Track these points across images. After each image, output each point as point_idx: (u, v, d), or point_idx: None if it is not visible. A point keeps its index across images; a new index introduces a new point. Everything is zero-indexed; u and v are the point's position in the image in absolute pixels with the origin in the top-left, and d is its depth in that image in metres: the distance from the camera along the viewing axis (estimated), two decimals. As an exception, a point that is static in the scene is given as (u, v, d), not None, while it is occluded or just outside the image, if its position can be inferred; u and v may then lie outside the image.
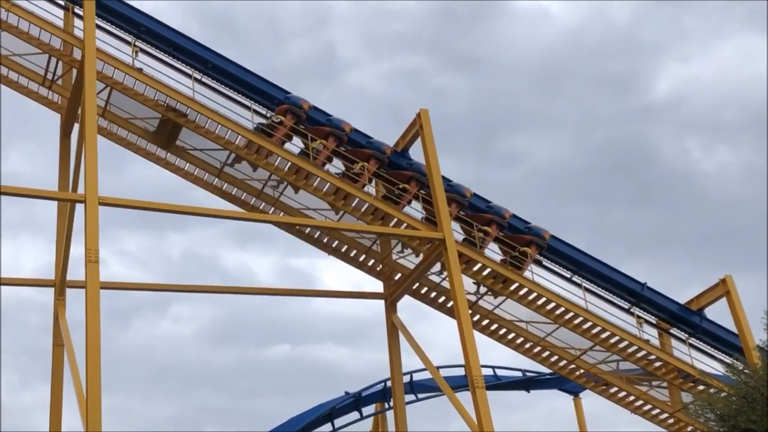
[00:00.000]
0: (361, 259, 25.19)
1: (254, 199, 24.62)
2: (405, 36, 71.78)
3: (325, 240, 24.96)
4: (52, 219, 22.69)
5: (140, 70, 22.25)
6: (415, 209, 24.00)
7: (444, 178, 23.86)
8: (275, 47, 68.53)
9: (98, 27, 21.87)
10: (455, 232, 23.29)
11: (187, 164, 24.34)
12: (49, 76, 23.26)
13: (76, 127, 21.83)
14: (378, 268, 25.25)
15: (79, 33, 21.90)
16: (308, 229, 24.80)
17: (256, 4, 68.32)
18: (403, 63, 72.12)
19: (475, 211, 24.37)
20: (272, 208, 24.70)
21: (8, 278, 22.87)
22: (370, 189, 23.84)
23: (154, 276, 63.71)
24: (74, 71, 22.16)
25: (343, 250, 25.10)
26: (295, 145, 23.55)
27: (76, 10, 22.60)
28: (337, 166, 23.81)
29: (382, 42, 72.35)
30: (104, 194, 19.24)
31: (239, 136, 22.68)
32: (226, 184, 24.52)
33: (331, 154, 23.43)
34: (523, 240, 24.39)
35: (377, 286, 25.75)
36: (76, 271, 21.56)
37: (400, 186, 23.70)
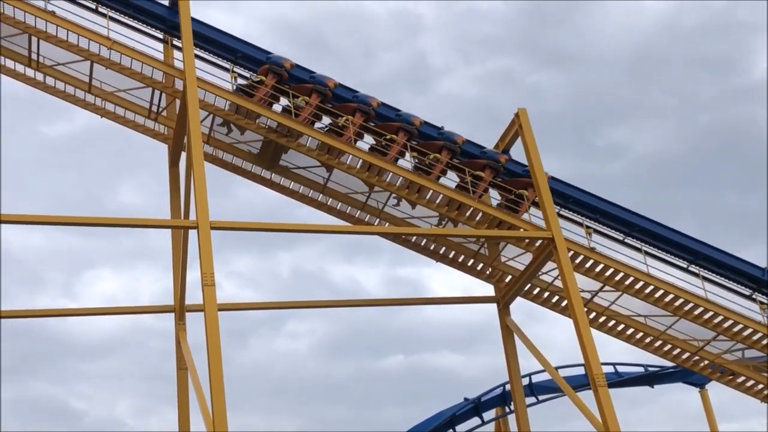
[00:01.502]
0: (469, 263, 25.08)
1: (359, 211, 24.80)
2: (495, 38, 71.34)
3: (432, 247, 24.96)
4: (165, 246, 23.34)
5: (240, 96, 22.72)
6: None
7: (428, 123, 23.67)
8: (367, 61, 69.02)
9: (197, 57, 22.47)
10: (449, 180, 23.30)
11: (292, 183, 24.71)
12: (154, 108, 23.96)
13: (183, 155, 22.40)
14: (487, 272, 25.09)
15: (179, 64, 22.54)
16: (414, 237, 24.84)
17: (346, 21, 69.04)
18: (495, 65, 71.67)
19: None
20: (377, 219, 24.84)
21: (130, 307, 23.66)
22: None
23: (266, 295, 64.84)
24: (177, 101, 22.76)
25: (451, 255, 25.05)
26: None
27: (175, 42, 23.29)
28: (451, 178, 23.75)
29: (473, 46, 72.05)
30: (215, 218, 19.68)
31: (350, 156, 22.85)
32: (330, 199, 24.79)
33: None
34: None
35: (487, 289, 25.61)
36: (192, 295, 22.20)
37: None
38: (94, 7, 23.25)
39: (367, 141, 23.58)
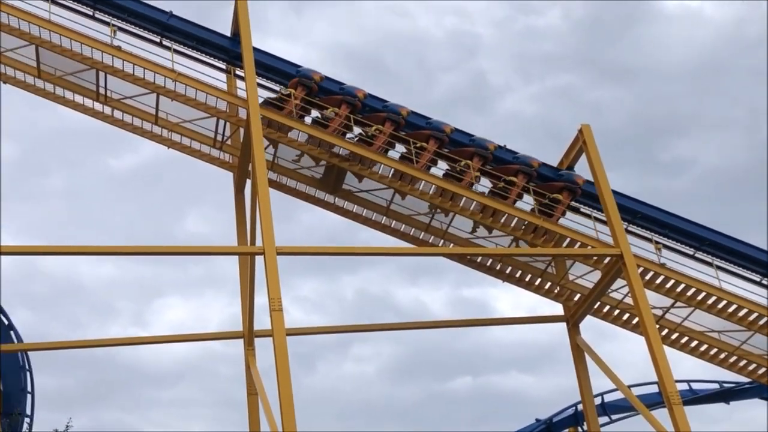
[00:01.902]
0: (537, 282, 24.84)
1: (423, 233, 24.77)
2: (554, 55, 71.01)
3: (498, 267, 24.79)
4: (232, 273, 23.60)
5: (304, 121, 22.99)
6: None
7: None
8: (426, 83, 69.22)
9: (259, 85, 22.79)
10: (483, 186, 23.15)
11: (355, 206, 24.82)
12: (219, 137, 24.31)
13: (249, 182, 22.67)
14: (555, 290, 24.80)
15: (242, 93, 22.87)
16: (480, 257, 24.71)
17: (404, 44, 69.36)
18: (554, 82, 71.30)
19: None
20: (442, 240, 24.78)
21: (199, 334, 23.96)
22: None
23: (332, 319, 65.14)
24: (241, 130, 23.07)
25: (518, 275, 24.84)
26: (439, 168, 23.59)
27: (237, 71, 23.66)
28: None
29: (532, 64, 71.82)
30: (280, 244, 19.85)
31: (392, 170, 22.97)
32: (394, 221, 24.81)
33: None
34: (554, 187, 23.56)
35: (555, 308, 25.31)
36: (260, 320, 22.41)
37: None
38: (158, 40, 23.80)
39: (441, 167, 23.58)
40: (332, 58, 63.51)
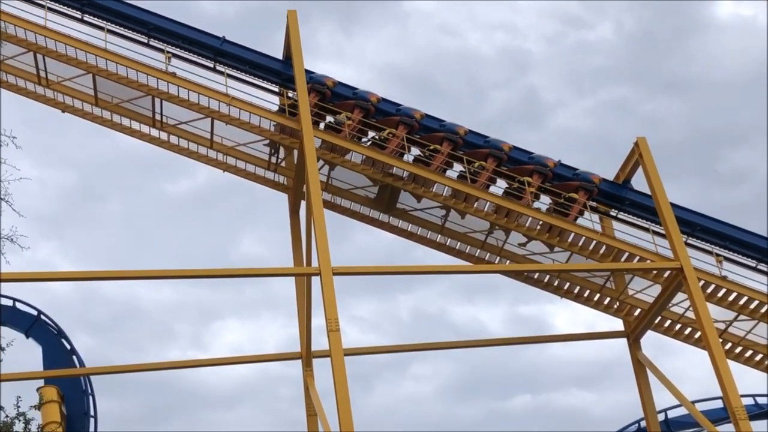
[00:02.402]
0: (595, 298, 24.54)
1: (478, 250, 24.66)
2: (606, 68, 70.26)
3: (555, 283, 24.55)
4: (288, 294, 23.68)
5: (357, 142, 23.07)
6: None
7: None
8: (478, 101, 69.06)
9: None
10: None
11: (409, 224, 24.80)
12: (273, 159, 24.50)
13: (303, 203, 22.79)
14: (615, 306, 24.47)
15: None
16: (536, 274, 24.49)
17: (454, 63, 69.27)
18: (608, 96, 70.50)
19: (516, 164, 23.62)
20: (497, 257, 24.62)
21: (258, 355, 24.07)
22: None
23: (388, 338, 64.86)
24: (295, 151, 23.23)
25: (576, 291, 24.57)
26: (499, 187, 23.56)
27: (289, 94, 23.86)
28: (544, 201, 23.52)
29: (584, 78, 71.14)
30: (336, 264, 19.89)
31: (445, 187, 22.95)
32: (449, 239, 24.75)
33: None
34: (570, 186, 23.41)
35: (615, 324, 24.96)
36: (318, 341, 22.46)
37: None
38: (212, 65, 24.11)
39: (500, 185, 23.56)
40: (383, 78, 63.67)
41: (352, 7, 65.33)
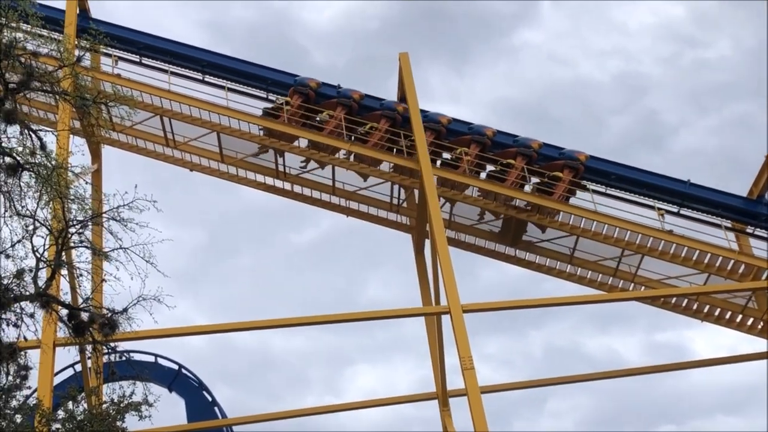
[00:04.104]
0: (737, 319, 23.50)
1: (611, 278, 24.04)
2: (727, 85, 68.13)
3: (694, 306, 23.65)
4: (417, 335, 23.62)
5: (475, 176, 22.99)
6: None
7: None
8: (596, 128, 67.95)
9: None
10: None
11: (537, 257, 24.43)
12: (395, 201, 24.64)
13: (427, 242, 22.78)
14: (759, 326, 23.36)
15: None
16: (674, 298, 23.67)
17: (568, 92, 68.48)
18: (731, 112, 68.27)
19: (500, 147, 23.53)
20: (632, 284, 23.92)
21: (394, 397, 24.00)
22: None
23: (521, 375, 63.89)
24: (416, 192, 23.30)
25: (716, 313, 23.59)
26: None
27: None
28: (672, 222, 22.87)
29: (706, 97, 69.19)
30: (465, 302, 19.75)
31: (583, 219, 22.47)
32: (579, 268, 24.22)
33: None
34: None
35: (759, 345, 23.79)
36: (450, 380, 22.25)
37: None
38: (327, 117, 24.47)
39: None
40: (497, 113, 63.41)
41: (461, 47, 65.56)
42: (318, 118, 23.64)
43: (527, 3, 64.31)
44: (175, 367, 27.05)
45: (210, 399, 26.41)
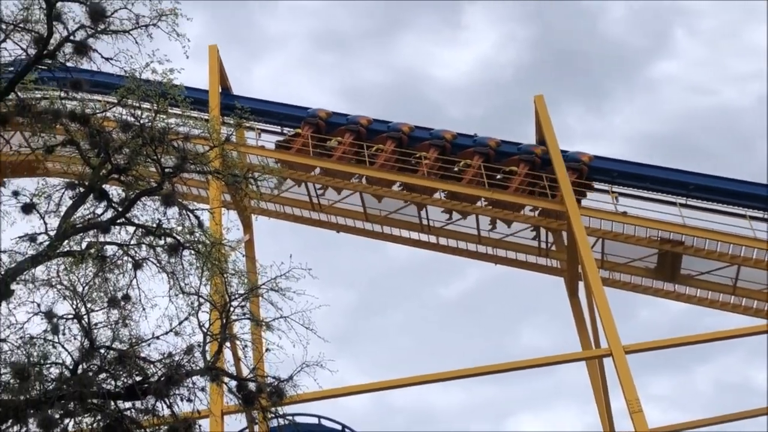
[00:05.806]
0: None
1: (779, 306, 22.85)
2: None
3: None
4: (577, 381, 23.09)
5: (624, 213, 22.46)
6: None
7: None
8: (746, 154, 65.39)
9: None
10: None
11: (698, 290, 23.52)
12: (542, 245, 24.32)
13: (581, 284, 22.34)
14: None
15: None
16: None
17: (712, 120, 66.32)
18: None
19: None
20: (803, 311, 22.66)
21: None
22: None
23: (691, 414, 61.13)
24: (563, 234, 22.94)
25: None
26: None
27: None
28: None
29: None
30: (625, 342, 19.21)
31: (743, 248, 21.54)
32: (744, 299, 23.14)
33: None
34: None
35: None
36: (617, 424, 21.55)
37: None
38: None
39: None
40: (637, 148, 62.06)
41: (597, 85, 64.67)
42: (455, 168, 23.67)
43: (660, 34, 63.03)
44: (339, 427, 27.24)
45: (375, 460, 26.45)
